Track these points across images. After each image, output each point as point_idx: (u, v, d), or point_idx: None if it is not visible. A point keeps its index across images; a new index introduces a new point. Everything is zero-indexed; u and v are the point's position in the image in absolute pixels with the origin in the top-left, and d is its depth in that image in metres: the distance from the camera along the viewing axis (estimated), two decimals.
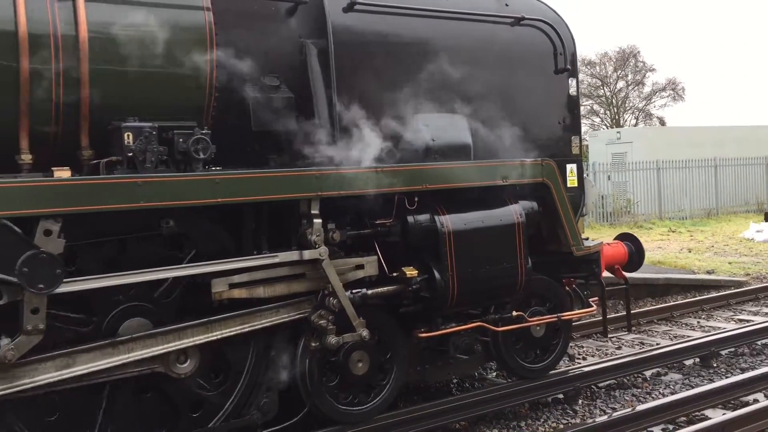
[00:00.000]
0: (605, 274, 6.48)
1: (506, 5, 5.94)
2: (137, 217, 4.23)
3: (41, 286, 3.72)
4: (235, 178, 4.31)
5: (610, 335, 7.97)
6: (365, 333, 4.95)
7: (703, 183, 23.45)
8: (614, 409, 5.95)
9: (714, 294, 10.48)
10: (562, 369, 6.56)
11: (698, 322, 9.13)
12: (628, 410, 5.67)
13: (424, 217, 5.15)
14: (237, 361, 4.80)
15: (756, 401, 5.93)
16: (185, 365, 4.51)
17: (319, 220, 4.63)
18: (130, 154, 4.10)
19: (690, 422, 5.58)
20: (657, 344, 7.78)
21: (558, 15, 6.21)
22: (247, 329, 4.66)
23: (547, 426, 5.67)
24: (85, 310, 4.28)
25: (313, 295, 4.88)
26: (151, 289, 4.47)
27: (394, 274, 5.19)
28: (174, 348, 4.40)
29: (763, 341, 7.79)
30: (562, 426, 5.62)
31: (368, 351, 5.25)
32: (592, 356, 7.60)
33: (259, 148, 4.88)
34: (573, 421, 5.74)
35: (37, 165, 4.22)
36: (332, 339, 4.84)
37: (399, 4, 5.29)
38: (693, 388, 6.30)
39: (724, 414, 5.61)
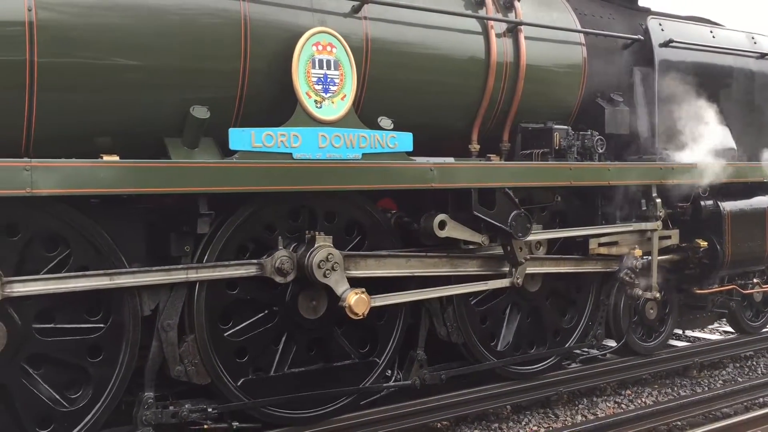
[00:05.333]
0: None
1: (755, 42, 7.67)
2: (546, 191, 6.00)
3: (520, 234, 5.50)
4: (619, 167, 6.12)
5: None
6: (658, 295, 6.56)
7: None
8: (596, 415, 6.05)
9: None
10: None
11: (683, 332, 8.62)
12: (609, 417, 5.85)
13: (710, 203, 6.89)
14: (581, 301, 6.56)
15: (736, 413, 6.06)
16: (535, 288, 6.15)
17: (660, 201, 6.38)
18: (557, 147, 5.87)
19: None
20: None
21: None
22: (579, 270, 6.24)
23: (528, 429, 5.80)
24: None
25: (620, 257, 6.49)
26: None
27: (683, 245, 6.95)
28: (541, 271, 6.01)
29: (747, 353, 7.82)
30: (543, 430, 5.76)
31: (656, 302, 7.03)
32: None
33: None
34: (554, 425, 5.85)
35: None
36: (638, 291, 6.44)
37: (693, 41, 7.04)
38: (675, 398, 6.44)
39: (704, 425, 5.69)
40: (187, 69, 4.48)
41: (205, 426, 4.67)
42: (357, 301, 4.75)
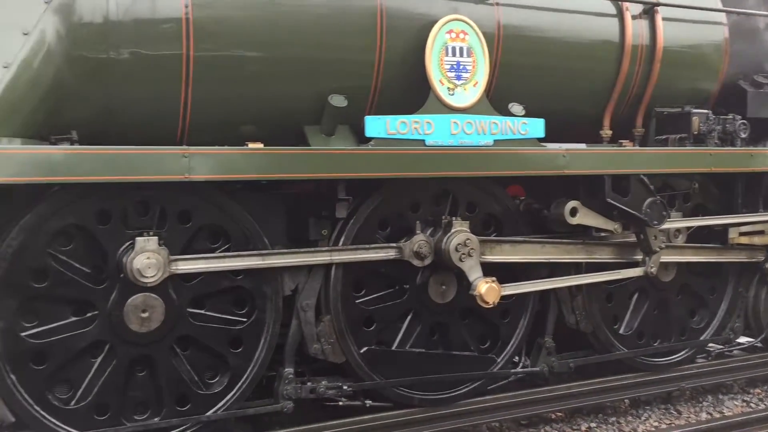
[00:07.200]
0: None
1: None
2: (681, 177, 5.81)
3: (655, 222, 5.36)
4: (764, 153, 5.81)
5: None
6: None
7: None
8: (722, 414, 5.80)
9: None
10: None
11: None
12: (737, 416, 5.63)
13: None
14: (718, 293, 6.29)
15: None
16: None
17: None
18: (696, 132, 5.66)
19: None
20: None
21: None
22: (720, 260, 6.09)
23: (648, 425, 5.57)
24: None
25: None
26: None
27: None
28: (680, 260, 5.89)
29: None
30: (664, 426, 5.51)
31: None
32: None
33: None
34: (677, 422, 5.61)
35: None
36: None
37: None
38: None
39: None
40: (326, 60, 4.65)
41: (340, 403, 4.88)
42: (488, 290, 4.80)
